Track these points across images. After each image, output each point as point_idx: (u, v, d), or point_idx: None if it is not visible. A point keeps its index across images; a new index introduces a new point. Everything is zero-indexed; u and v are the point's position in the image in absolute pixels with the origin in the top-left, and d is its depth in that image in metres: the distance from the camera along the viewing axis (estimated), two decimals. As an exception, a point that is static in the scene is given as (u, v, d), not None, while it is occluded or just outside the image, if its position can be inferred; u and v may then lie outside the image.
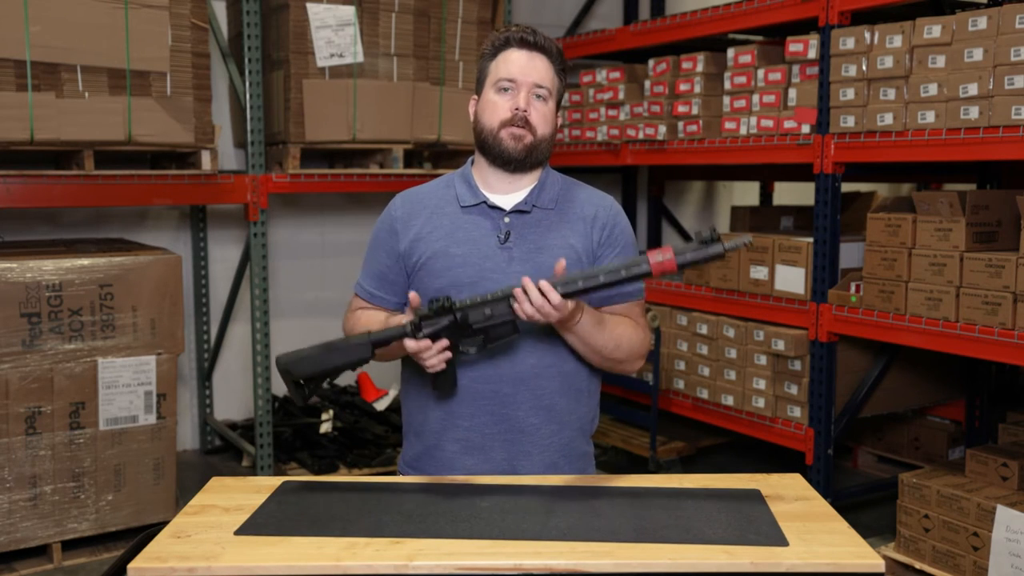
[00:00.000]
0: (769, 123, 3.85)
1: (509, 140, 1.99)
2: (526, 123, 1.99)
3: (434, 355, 1.86)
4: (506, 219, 2.02)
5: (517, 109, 1.98)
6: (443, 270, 1.99)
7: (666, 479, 1.96)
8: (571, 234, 2.04)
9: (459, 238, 2.01)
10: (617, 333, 2.02)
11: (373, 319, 2.04)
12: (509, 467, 2.01)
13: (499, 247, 2.00)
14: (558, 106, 2.08)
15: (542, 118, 2.01)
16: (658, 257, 1.77)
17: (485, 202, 2.04)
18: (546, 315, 1.82)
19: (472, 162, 2.12)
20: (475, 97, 2.09)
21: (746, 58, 4.01)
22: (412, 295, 1.90)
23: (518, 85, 1.99)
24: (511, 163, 2.01)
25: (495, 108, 2.01)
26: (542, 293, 1.81)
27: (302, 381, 1.89)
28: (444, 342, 1.86)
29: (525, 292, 1.82)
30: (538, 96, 2.01)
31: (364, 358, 1.89)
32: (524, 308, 1.83)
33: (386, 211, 2.12)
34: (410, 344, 1.85)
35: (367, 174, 4.50)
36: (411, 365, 2.09)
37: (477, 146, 2.07)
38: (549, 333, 2.00)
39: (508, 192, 2.05)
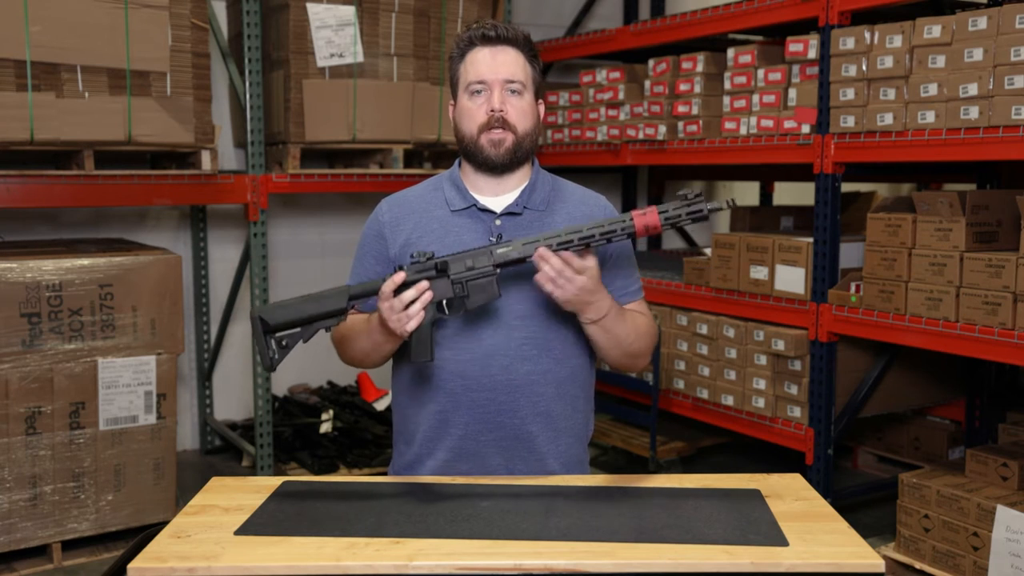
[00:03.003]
0: (769, 123, 3.85)
1: (489, 147, 1.96)
2: (504, 123, 1.96)
3: (405, 307, 1.80)
4: (497, 221, 2.00)
5: (492, 111, 1.95)
6: None
7: (666, 479, 1.96)
8: None
9: (450, 242, 1.98)
10: (636, 323, 2.01)
11: (360, 325, 2.02)
12: (505, 474, 1.99)
13: None
14: (538, 95, 2.04)
15: (520, 114, 1.98)
16: (642, 215, 1.79)
17: (475, 205, 2.01)
18: (568, 280, 1.80)
19: (460, 163, 2.09)
20: (452, 102, 2.06)
21: (746, 58, 4.01)
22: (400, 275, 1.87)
23: (489, 85, 1.96)
24: (496, 168, 1.99)
25: (471, 114, 1.97)
26: (564, 262, 1.79)
27: (275, 333, 1.82)
28: (422, 292, 1.80)
29: (545, 261, 1.80)
30: (512, 91, 1.97)
31: (340, 308, 1.84)
32: (545, 275, 1.80)
33: (373, 216, 2.09)
34: (386, 287, 1.80)
35: (367, 174, 4.50)
36: (400, 370, 2.08)
37: (461, 153, 2.04)
38: (544, 336, 1.98)
39: (498, 194, 2.03)
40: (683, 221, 1.83)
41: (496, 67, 1.96)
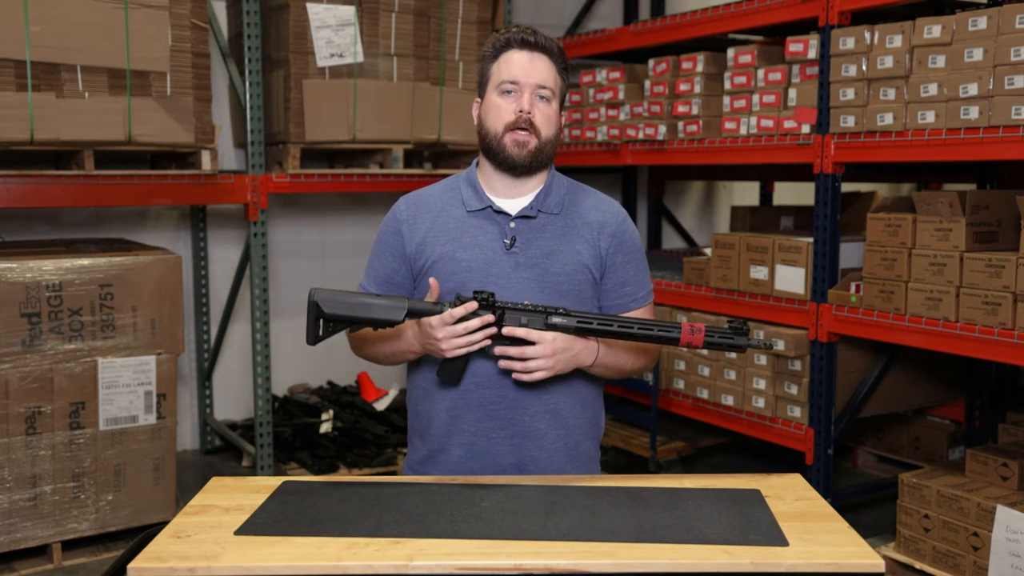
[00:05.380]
0: (769, 123, 3.85)
1: (513, 147, 1.99)
2: (530, 125, 1.98)
3: (466, 337, 1.87)
4: (512, 224, 2.02)
5: (521, 111, 1.98)
6: (450, 274, 1.99)
7: (666, 479, 1.96)
8: (577, 241, 2.04)
9: (465, 242, 2.01)
10: (631, 348, 2.05)
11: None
12: (515, 471, 2.01)
13: (505, 252, 2.00)
14: (561, 105, 2.08)
15: (546, 119, 2.01)
16: (690, 333, 1.89)
17: (491, 206, 2.03)
18: (536, 355, 1.88)
19: (477, 164, 2.11)
20: (478, 100, 2.08)
21: (746, 58, 4.01)
22: (432, 281, 1.95)
23: (521, 87, 1.99)
24: (516, 168, 2.02)
25: (499, 111, 2.00)
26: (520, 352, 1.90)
27: (324, 320, 1.91)
28: (490, 329, 1.88)
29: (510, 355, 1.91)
30: (541, 97, 2.00)
31: (394, 320, 1.90)
32: (515, 367, 1.89)
33: (391, 213, 2.11)
34: (457, 310, 1.86)
35: (367, 174, 4.50)
36: (417, 368, 2.09)
37: (482, 150, 2.06)
38: None
39: (514, 196, 2.05)
40: (722, 348, 1.91)
41: (530, 71, 1.99)
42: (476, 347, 1.89)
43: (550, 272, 1.99)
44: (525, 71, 1.99)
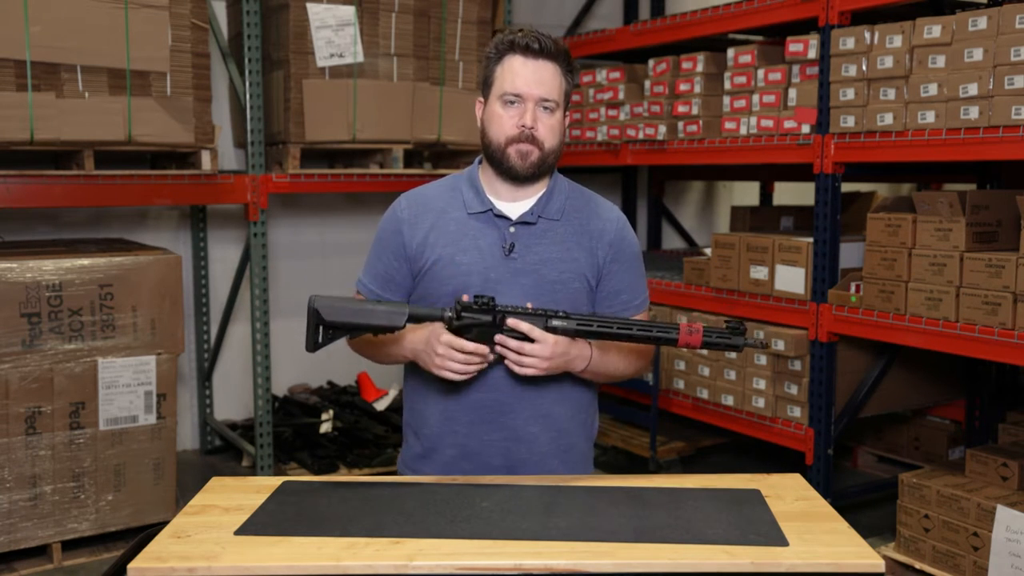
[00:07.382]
0: (769, 123, 3.85)
1: (516, 158, 1.98)
2: (533, 139, 1.97)
3: (462, 365, 1.89)
4: (511, 229, 2.01)
5: (523, 126, 1.96)
6: (449, 277, 1.98)
7: (666, 479, 1.96)
8: (576, 249, 2.03)
9: (465, 246, 2.00)
10: (624, 353, 2.05)
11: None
12: (506, 472, 2.01)
13: (504, 258, 2.00)
14: (567, 107, 2.05)
15: (549, 131, 1.99)
16: (688, 333, 1.90)
17: (491, 210, 2.02)
18: (531, 353, 1.88)
19: (480, 162, 2.09)
20: (481, 100, 2.06)
21: (746, 58, 4.01)
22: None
23: (524, 99, 1.96)
24: (518, 179, 2.01)
25: (501, 123, 1.98)
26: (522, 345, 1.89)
27: (324, 327, 1.91)
28: (483, 348, 1.89)
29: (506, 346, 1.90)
30: (545, 108, 1.98)
31: (395, 326, 1.90)
32: (510, 357, 1.89)
33: (391, 211, 2.09)
34: (467, 346, 1.88)
35: (367, 174, 4.50)
36: (415, 365, 2.09)
37: (484, 155, 2.05)
38: None
39: (515, 200, 2.04)
40: (720, 348, 1.94)
41: (534, 84, 1.96)
42: (460, 378, 1.92)
43: (547, 279, 1.99)
44: (528, 83, 1.96)
